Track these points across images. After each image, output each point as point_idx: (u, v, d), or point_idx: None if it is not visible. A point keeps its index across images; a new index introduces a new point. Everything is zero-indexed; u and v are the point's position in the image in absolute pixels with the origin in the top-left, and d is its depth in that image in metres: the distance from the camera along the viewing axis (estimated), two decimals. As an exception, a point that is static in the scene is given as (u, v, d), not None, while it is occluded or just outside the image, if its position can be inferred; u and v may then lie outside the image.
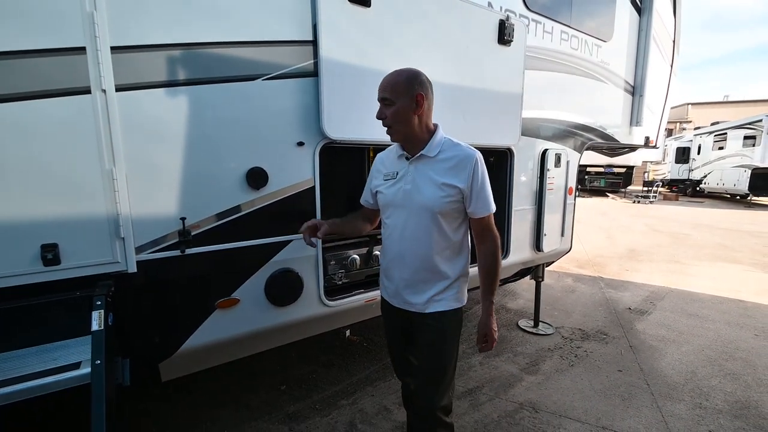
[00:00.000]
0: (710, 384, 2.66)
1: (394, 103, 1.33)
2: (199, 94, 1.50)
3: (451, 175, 1.35)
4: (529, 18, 2.64)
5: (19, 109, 1.20)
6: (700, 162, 16.56)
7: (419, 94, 1.33)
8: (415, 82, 1.33)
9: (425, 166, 1.39)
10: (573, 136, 3.19)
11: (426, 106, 1.36)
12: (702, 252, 6.54)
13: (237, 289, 1.71)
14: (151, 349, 1.60)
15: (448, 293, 1.44)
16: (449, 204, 1.36)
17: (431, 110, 1.41)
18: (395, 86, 1.33)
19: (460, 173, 1.35)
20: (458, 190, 1.35)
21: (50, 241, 1.28)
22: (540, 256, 3.12)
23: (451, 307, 1.45)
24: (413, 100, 1.33)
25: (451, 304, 1.45)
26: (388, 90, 1.34)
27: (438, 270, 1.42)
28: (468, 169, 1.35)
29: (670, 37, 3.93)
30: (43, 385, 1.18)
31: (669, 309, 4.02)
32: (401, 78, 1.34)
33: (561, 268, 5.32)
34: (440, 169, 1.37)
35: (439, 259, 1.41)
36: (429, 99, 1.38)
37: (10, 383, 1.16)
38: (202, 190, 1.56)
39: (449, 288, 1.45)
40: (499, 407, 2.37)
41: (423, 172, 1.38)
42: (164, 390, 2.43)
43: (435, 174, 1.37)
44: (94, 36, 1.27)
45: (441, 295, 1.43)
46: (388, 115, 1.35)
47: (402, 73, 1.35)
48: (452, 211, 1.39)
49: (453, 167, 1.36)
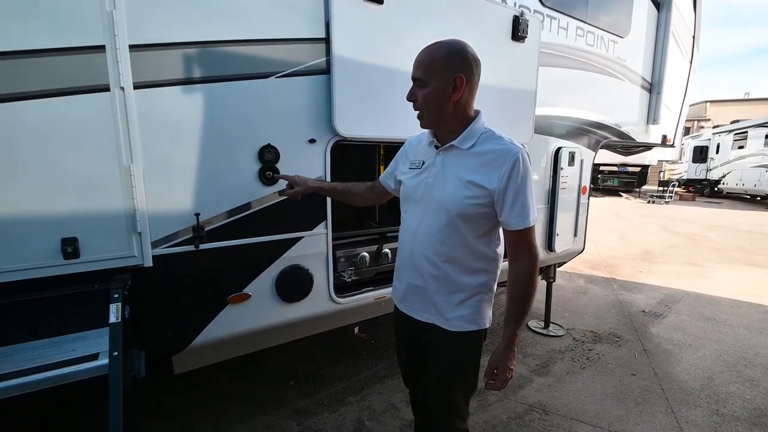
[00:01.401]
0: (728, 390, 2.59)
1: (427, 85, 1.13)
2: (214, 91, 1.52)
3: (481, 173, 1.14)
4: (543, 14, 2.60)
5: (42, 106, 1.23)
6: (719, 161, 16.10)
7: (459, 76, 1.11)
8: (456, 62, 1.11)
9: (455, 158, 1.19)
10: (587, 134, 3.14)
11: (466, 91, 1.14)
12: (720, 254, 6.37)
13: (248, 285, 1.73)
14: (165, 342, 1.63)
15: (461, 310, 1.23)
16: (473, 207, 1.15)
17: (474, 94, 1.19)
18: (431, 64, 1.12)
19: (493, 172, 1.12)
20: (487, 192, 1.13)
21: (70, 235, 1.32)
22: (552, 257, 3.08)
23: (464, 329, 1.24)
24: (450, 84, 1.11)
25: (462, 324, 1.24)
26: (422, 68, 1.13)
27: (451, 280, 1.22)
28: (504, 168, 1.11)
29: (689, 33, 3.82)
30: (62, 375, 1.21)
31: (685, 312, 3.93)
32: (439, 54, 1.11)
33: (573, 268, 5.24)
34: (471, 164, 1.16)
35: (455, 268, 1.21)
36: (472, 81, 1.15)
37: (30, 372, 1.19)
38: (216, 187, 1.58)
39: (463, 305, 1.23)
40: (509, 408, 2.36)
41: (450, 166, 1.19)
42: (175, 383, 2.47)
43: (463, 169, 1.16)
44: (114, 35, 1.29)
45: (454, 311, 1.24)
46: (419, 97, 1.15)
47: (441, 48, 1.12)
48: (477, 215, 1.17)
49: (486, 164, 1.14)
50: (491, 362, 1.24)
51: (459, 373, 1.31)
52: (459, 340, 1.26)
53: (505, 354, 1.20)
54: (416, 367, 1.46)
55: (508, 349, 1.20)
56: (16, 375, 1.17)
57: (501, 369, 1.21)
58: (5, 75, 1.18)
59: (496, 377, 1.22)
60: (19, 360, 1.25)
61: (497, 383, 1.22)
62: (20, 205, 1.24)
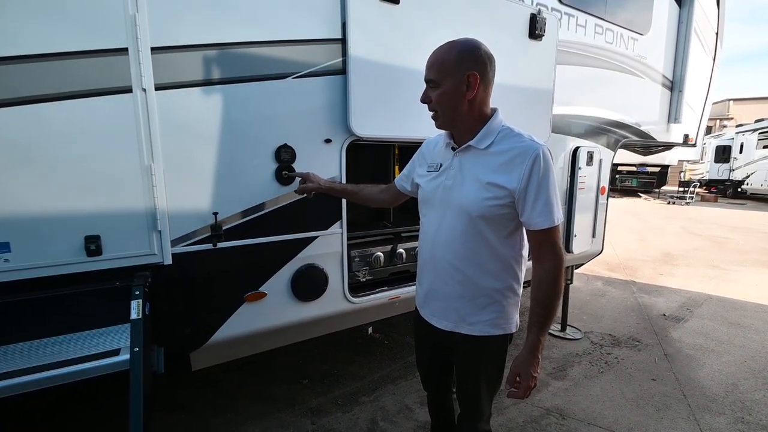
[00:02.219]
0: (753, 398, 2.50)
1: (440, 85, 1.12)
2: (232, 92, 1.54)
3: (501, 173, 1.11)
4: (561, 11, 2.55)
5: (67, 107, 1.26)
6: (743, 161, 15.56)
7: (472, 74, 1.09)
8: (468, 59, 1.09)
9: (473, 159, 1.17)
10: (606, 134, 3.07)
11: (481, 88, 1.12)
12: (744, 257, 6.15)
13: (264, 283, 1.74)
14: (183, 339, 1.66)
15: (485, 315, 1.21)
16: (494, 208, 1.12)
17: (489, 91, 1.17)
18: (443, 65, 1.11)
19: (513, 170, 1.09)
20: (507, 192, 1.10)
21: (93, 233, 1.35)
22: (569, 258, 3.02)
23: (487, 333, 1.22)
24: (464, 82, 1.10)
25: (485, 329, 1.22)
26: (435, 69, 1.12)
27: (474, 284, 1.20)
28: (524, 165, 1.08)
29: (712, 29, 3.70)
30: (85, 370, 1.24)
31: (707, 317, 3.80)
32: (451, 54, 1.10)
33: (590, 270, 5.13)
34: (490, 164, 1.13)
35: (478, 271, 1.18)
36: (487, 79, 1.13)
37: (54, 367, 1.22)
38: (233, 186, 1.60)
39: (487, 309, 1.21)
40: (525, 412, 2.32)
41: (468, 168, 1.17)
42: (190, 380, 2.51)
43: (482, 170, 1.14)
44: (136, 37, 1.32)
45: (477, 315, 1.22)
46: (433, 98, 1.14)
47: (454, 47, 1.11)
48: (499, 216, 1.14)
49: (506, 163, 1.11)
50: (513, 368, 1.19)
51: (482, 377, 1.30)
52: (482, 344, 1.24)
53: (528, 360, 1.15)
54: (437, 372, 1.46)
55: (531, 356, 1.15)
56: (40, 369, 1.20)
57: (524, 376, 1.16)
58: (32, 77, 1.22)
59: (518, 385, 1.17)
60: (42, 355, 1.28)
61: (519, 391, 1.17)
62: (46, 204, 1.28)
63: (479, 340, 1.23)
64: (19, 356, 1.27)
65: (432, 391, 1.55)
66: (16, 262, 1.26)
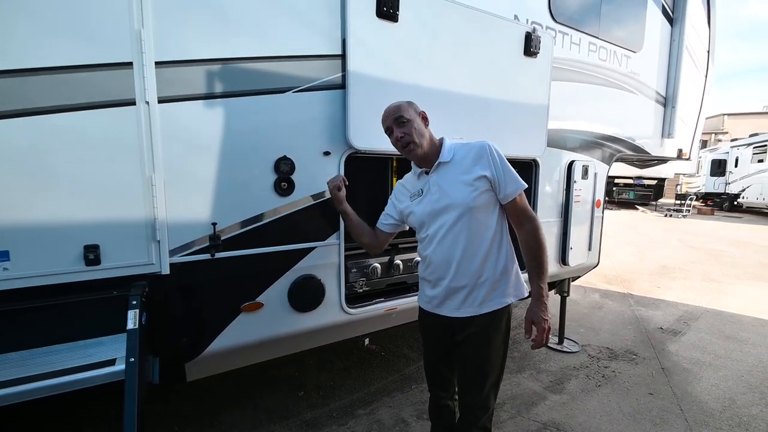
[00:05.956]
0: (751, 413, 2.48)
1: (411, 120, 1.42)
2: (234, 105, 1.57)
3: (474, 168, 1.40)
4: (555, 30, 2.62)
5: (72, 119, 1.29)
6: (738, 175, 15.71)
7: (422, 112, 1.48)
8: (413, 105, 1.47)
9: (446, 172, 1.44)
10: (601, 148, 3.12)
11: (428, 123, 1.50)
12: (741, 270, 6.16)
13: (261, 294, 1.75)
14: (179, 349, 1.66)
15: (500, 288, 1.44)
16: (482, 195, 1.39)
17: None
18: (403, 109, 1.44)
19: (480, 162, 1.40)
20: (485, 179, 1.39)
21: (92, 242, 1.36)
22: (565, 270, 3.04)
23: (504, 303, 1.45)
24: (421, 117, 1.48)
25: (503, 300, 1.45)
26: (401, 111, 1.43)
27: (488, 265, 1.42)
28: (485, 155, 1.40)
29: (704, 47, 3.80)
30: (81, 380, 1.24)
31: (704, 330, 3.80)
32: (403, 103, 1.46)
33: (588, 283, 5.14)
34: (462, 168, 1.42)
35: (483, 256, 1.41)
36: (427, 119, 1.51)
37: (49, 377, 1.22)
38: (232, 197, 1.62)
39: (502, 280, 1.44)
40: (522, 426, 2.30)
41: (446, 179, 1.43)
42: (184, 390, 2.49)
43: (459, 174, 1.41)
44: (141, 52, 1.36)
45: (495, 291, 1.43)
46: (409, 131, 1.42)
47: (400, 101, 1.48)
48: (485, 203, 1.40)
49: (472, 161, 1.41)
50: (527, 319, 1.40)
51: (492, 359, 1.45)
52: (500, 315, 1.44)
53: (537, 307, 1.38)
54: (446, 368, 1.58)
55: (539, 302, 1.38)
56: (37, 378, 1.20)
57: (537, 321, 1.38)
58: (39, 89, 1.24)
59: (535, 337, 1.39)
60: (39, 364, 1.28)
61: (538, 337, 1.38)
62: (46, 213, 1.29)
63: (497, 312, 1.43)
64: (15, 365, 1.27)
65: (438, 389, 1.64)
66: (14, 270, 1.27)
